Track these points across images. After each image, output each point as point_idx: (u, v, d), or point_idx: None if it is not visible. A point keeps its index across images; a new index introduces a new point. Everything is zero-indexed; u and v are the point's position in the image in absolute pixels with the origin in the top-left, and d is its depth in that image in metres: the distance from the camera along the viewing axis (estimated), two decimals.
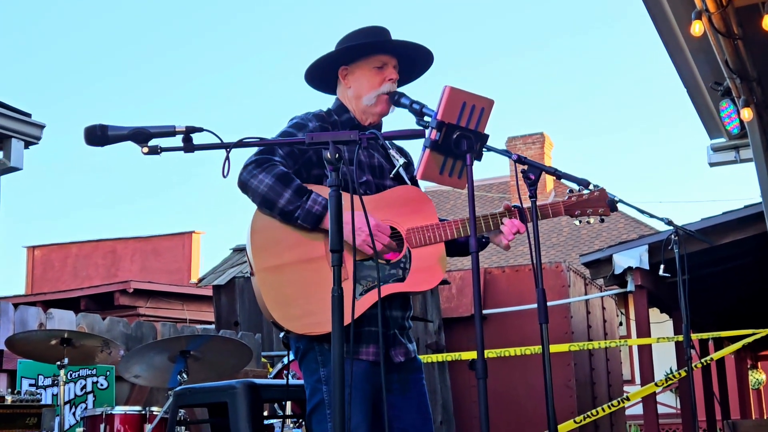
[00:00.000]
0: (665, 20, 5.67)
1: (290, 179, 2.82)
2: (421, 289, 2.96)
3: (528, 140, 22.44)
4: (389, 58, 3.08)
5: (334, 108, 3.14)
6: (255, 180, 2.81)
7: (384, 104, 3.06)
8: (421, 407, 3.03)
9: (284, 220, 2.83)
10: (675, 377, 7.76)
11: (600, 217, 3.10)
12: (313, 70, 3.13)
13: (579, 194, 3.08)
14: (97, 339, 5.09)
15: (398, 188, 3.05)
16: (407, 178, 3.12)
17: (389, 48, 3.07)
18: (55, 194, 41.76)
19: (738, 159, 7.32)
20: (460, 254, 3.19)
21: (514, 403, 9.49)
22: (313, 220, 2.80)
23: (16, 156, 6.11)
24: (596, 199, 3.09)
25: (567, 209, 3.08)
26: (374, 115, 3.10)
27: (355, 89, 3.09)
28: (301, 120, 3.03)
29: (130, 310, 13.13)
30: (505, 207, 3.02)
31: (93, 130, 2.34)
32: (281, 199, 2.79)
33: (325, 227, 2.80)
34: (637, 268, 8.92)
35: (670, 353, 12.00)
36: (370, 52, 3.06)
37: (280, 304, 2.79)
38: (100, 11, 44.23)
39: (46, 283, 21.24)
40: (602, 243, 19.39)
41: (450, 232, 2.95)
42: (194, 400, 4.03)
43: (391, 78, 3.06)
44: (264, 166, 2.83)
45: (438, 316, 9.82)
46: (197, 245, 21.35)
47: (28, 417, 4.38)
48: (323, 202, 2.80)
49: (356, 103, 3.10)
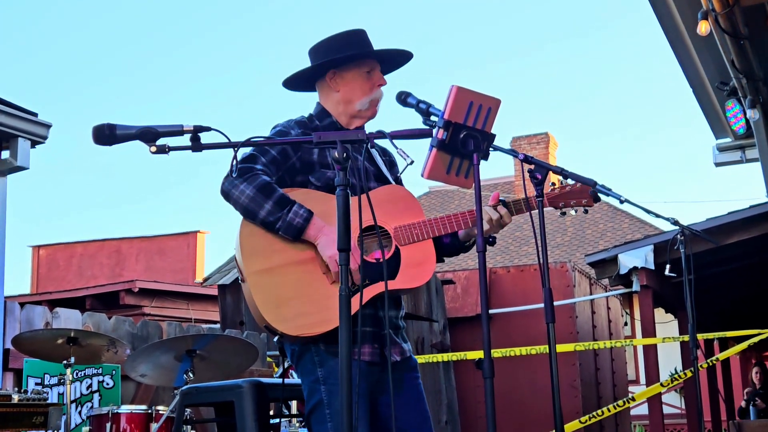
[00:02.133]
0: (671, 20, 5.67)
1: (271, 190, 2.82)
2: (413, 285, 2.95)
3: (533, 140, 22.41)
4: (374, 63, 3.15)
5: (316, 113, 3.16)
6: (236, 191, 2.82)
7: (374, 108, 3.14)
8: (418, 406, 3.03)
9: (266, 231, 2.84)
10: (680, 377, 7.75)
11: (584, 208, 3.11)
12: (296, 78, 3.16)
13: (562, 186, 3.09)
14: (104, 338, 5.10)
15: (384, 188, 3.07)
16: (392, 179, 3.15)
17: (375, 55, 3.14)
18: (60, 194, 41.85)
19: (744, 159, 7.31)
20: (444, 255, 3.19)
21: (518, 402, 9.47)
22: (293, 232, 2.81)
23: (22, 155, 6.11)
24: (579, 191, 3.08)
25: (551, 201, 3.07)
26: (363, 119, 3.15)
27: (344, 93, 3.12)
28: (284, 128, 3.05)
29: (135, 309, 13.15)
30: (493, 197, 3.03)
31: (101, 129, 2.35)
32: (262, 211, 2.79)
33: (308, 239, 2.82)
34: (642, 268, 8.91)
35: (674, 353, 11.99)
36: (358, 57, 3.11)
37: (273, 306, 2.80)
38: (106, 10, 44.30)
39: (51, 282, 21.28)
40: (607, 243, 19.37)
41: (438, 228, 2.96)
42: (201, 399, 4.04)
43: (381, 83, 3.13)
44: (246, 176, 2.83)
45: (443, 315, 9.82)
46: (202, 245, 21.39)
47: (34, 416, 4.37)
48: (304, 214, 2.81)
49: (344, 107, 3.12)
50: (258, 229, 2.85)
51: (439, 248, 3.13)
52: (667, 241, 5.18)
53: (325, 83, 3.15)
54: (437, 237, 2.99)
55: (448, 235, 3.06)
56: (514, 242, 21.25)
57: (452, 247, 3.15)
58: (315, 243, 2.82)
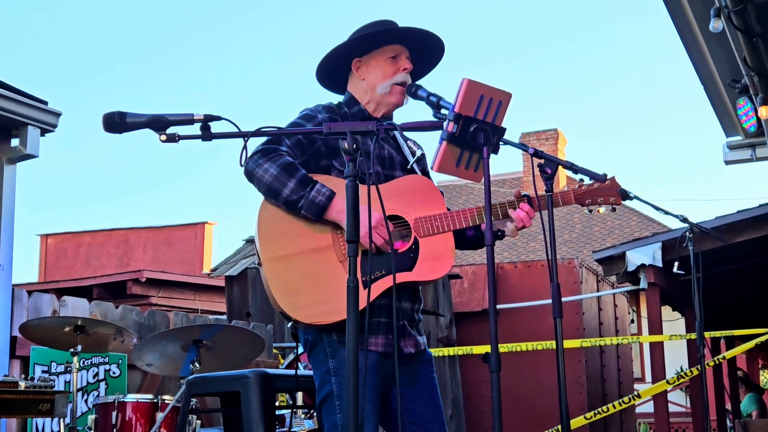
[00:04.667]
0: (683, 17, 5.65)
1: (295, 169, 2.82)
2: (430, 278, 2.94)
3: (542, 136, 22.36)
4: (402, 48, 3.09)
5: (345, 101, 3.15)
6: (260, 169, 2.82)
7: (398, 95, 3.07)
8: (431, 400, 3.02)
9: (288, 210, 2.83)
10: (687, 375, 7.74)
11: (611, 206, 3.08)
12: (325, 63, 3.13)
13: (589, 184, 3.05)
14: (111, 327, 5.11)
15: (407, 177, 3.05)
16: (418, 170, 3.12)
17: (400, 37, 3.08)
18: (69, 182, 41.95)
19: (754, 157, 7.29)
20: (467, 247, 3.18)
21: (523, 398, 9.48)
22: (316, 211, 2.80)
23: (32, 143, 6.12)
24: (607, 188, 3.06)
25: (578, 198, 3.05)
26: (388, 105, 3.10)
27: (369, 80, 3.09)
28: (311, 111, 3.04)
29: (143, 299, 13.17)
30: (515, 194, 3.01)
31: (112, 117, 2.35)
32: (285, 189, 2.79)
33: (330, 218, 2.81)
34: (650, 265, 8.88)
35: (680, 351, 11.96)
36: (383, 43, 3.07)
37: (287, 294, 2.80)
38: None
39: (58, 271, 21.33)
40: (614, 240, 19.34)
41: (458, 221, 2.94)
42: (207, 389, 4.04)
43: (405, 68, 3.07)
44: (270, 155, 2.83)
45: (449, 310, 9.82)
46: (210, 236, 21.42)
47: (41, 403, 4.39)
48: (327, 192, 2.80)
49: (371, 95, 3.09)
50: (277, 214, 2.84)
51: (463, 240, 3.12)
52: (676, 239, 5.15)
53: (352, 73, 3.13)
54: (459, 229, 2.97)
55: (471, 227, 3.04)
56: (521, 237, 21.21)
57: (476, 239, 3.13)
58: (342, 225, 2.80)
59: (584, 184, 3.05)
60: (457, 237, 3.05)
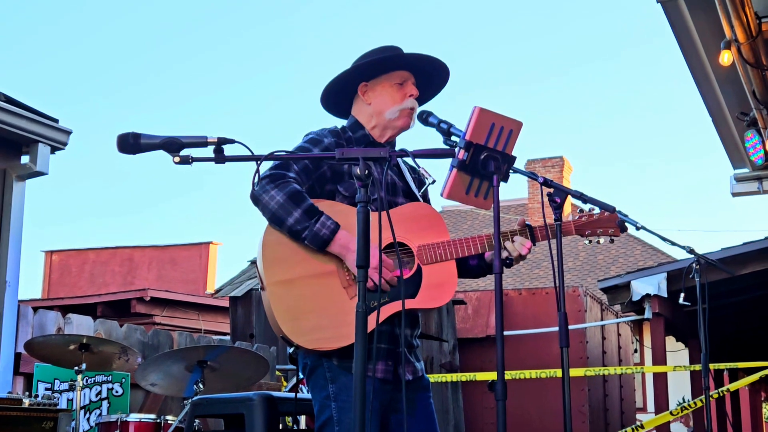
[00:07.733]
0: (693, 49, 5.67)
1: (302, 198, 2.81)
2: (432, 305, 2.93)
3: (547, 163, 22.39)
4: (408, 75, 3.11)
5: (349, 125, 3.15)
6: (267, 195, 2.81)
7: (406, 117, 3.08)
8: (429, 427, 3.01)
9: (292, 239, 2.83)
10: (691, 407, 7.70)
11: (610, 238, 3.09)
12: (331, 87, 3.13)
13: (589, 214, 3.07)
14: (116, 345, 5.11)
15: (410, 205, 3.05)
16: (419, 196, 3.13)
17: (407, 63, 3.09)
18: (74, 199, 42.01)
19: (761, 190, 7.29)
20: (469, 276, 3.18)
21: (526, 425, 9.43)
22: (319, 243, 2.79)
23: (42, 161, 6.14)
24: (606, 220, 3.07)
25: (578, 229, 3.06)
26: (395, 129, 3.10)
27: (375, 105, 3.09)
28: (317, 136, 3.04)
29: (146, 318, 13.17)
30: (519, 223, 3.02)
31: (126, 138, 2.35)
32: (290, 218, 2.78)
33: (333, 251, 2.81)
34: (655, 295, 8.88)
35: (682, 382, 11.91)
36: (389, 68, 3.09)
37: (290, 318, 2.79)
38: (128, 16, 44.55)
39: (62, 288, 21.35)
40: (619, 269, 19.32)
41: (461, 249, 2.94)
42: (211, 411, 4.03)
43: (412, 94, 3.08)
44: (278, 182, 2.82)
45: (453, 336, 9.80)
46: (214, 256, 21.44)
47: (44, 421, 4.39)
48: (331, 226, 2.79)
49: (377, 119, 3.10)
50: (281, 238, 2.84)
51: (465, 269, 3.12)
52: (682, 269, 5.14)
53: (358, 97, 3.14)
54: (462, 258, 2.97)
55: (474, 256, 3.05)
56: (525, 265, 21.19)
57: (479, 268, 3.13)
58: (344, 259, 2.81)
59: (584, 215, 3.07)
60: (459, 265, 3.04)
